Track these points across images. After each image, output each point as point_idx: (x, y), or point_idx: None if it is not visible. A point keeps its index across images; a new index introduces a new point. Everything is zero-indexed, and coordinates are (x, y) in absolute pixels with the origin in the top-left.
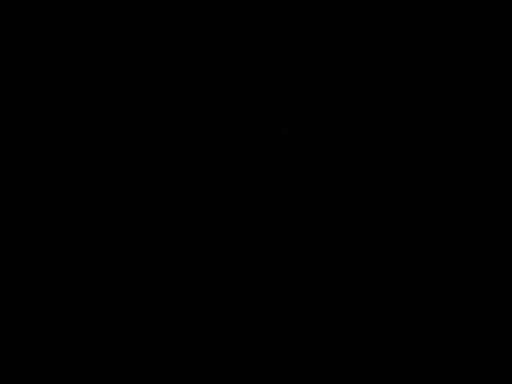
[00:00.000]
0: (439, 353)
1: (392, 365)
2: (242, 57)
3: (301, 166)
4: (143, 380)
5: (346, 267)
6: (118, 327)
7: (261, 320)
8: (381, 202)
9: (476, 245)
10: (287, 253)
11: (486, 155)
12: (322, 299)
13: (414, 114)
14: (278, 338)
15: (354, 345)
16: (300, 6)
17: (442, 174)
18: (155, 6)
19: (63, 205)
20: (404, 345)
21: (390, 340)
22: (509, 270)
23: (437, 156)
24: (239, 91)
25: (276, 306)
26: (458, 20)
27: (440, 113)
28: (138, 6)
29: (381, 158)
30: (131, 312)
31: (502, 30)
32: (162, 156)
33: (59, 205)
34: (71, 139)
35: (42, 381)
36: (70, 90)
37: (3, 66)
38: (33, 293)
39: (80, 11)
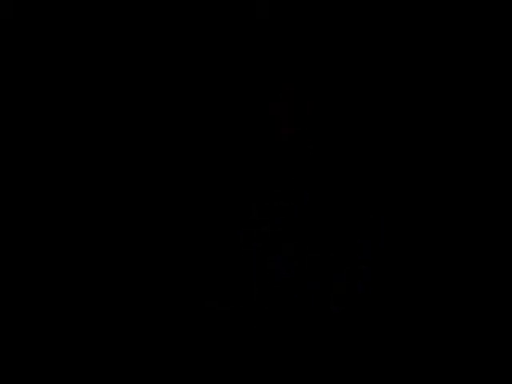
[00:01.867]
0: (439, 352)
1: (392, 364)
2: (242, 57)
3: (301, 165)
4: (143, 380)
5: (345, 267)
6: (118, 327)
7: (261, 320)
8: (381, 201)
9: (476, 244)
10: (287, 253)
11: (486, 155)
12: (322, 299)
13: (413, 114)
14: (278, 337)
15: (353, 345)
16: (300, 6)
17: (442, 174)
18: (155, 6)
19: (63, 205)
20: (404, 344)
21: (389, 340)
22: (509, 270)
23: (436, 156)
24: (239, 91)
25: (276, 305)
26: (458, 20)
27: (439, 113)
28: (138, 5)
29: (381, 158)
30: (132, 312)
31: (502, 30)
32: (162, 156)
33: (59, 205)
34: (71, 139)
35: (42, 381)
36: (70, 90)
37: (3, 66)
38: (33, 292)
39: (80, 11)
